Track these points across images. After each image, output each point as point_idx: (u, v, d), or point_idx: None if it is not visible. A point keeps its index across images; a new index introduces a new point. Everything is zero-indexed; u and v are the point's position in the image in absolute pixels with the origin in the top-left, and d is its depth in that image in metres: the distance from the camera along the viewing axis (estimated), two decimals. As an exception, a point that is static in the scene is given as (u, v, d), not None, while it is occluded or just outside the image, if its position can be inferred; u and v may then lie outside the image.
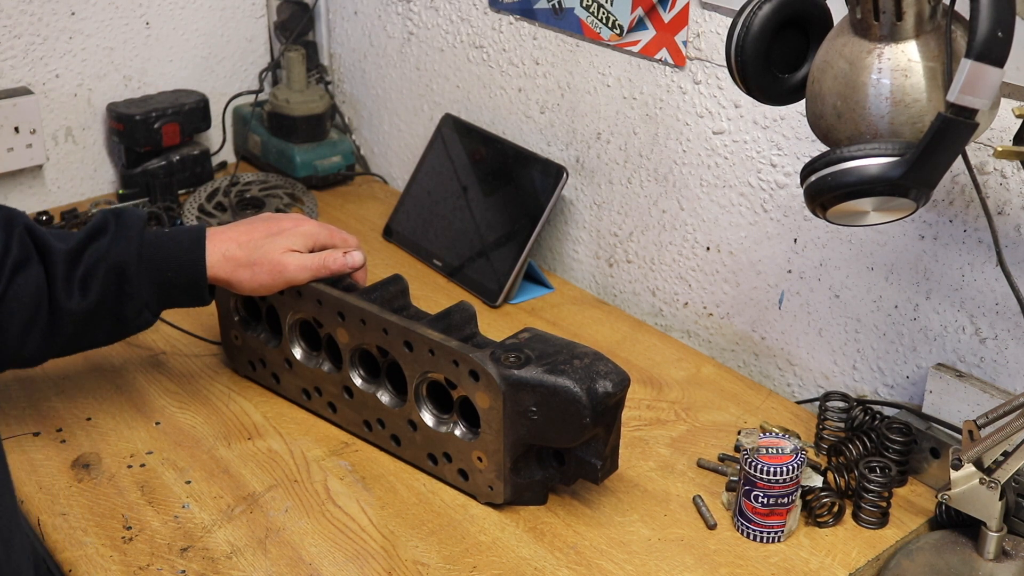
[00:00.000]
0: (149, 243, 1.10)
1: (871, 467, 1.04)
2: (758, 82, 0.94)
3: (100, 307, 1.08)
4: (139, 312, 1.11)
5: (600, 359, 1.01)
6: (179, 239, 1.12)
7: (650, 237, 1.41)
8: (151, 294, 1.11)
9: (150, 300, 1.11)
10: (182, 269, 1.11)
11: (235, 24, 1.81)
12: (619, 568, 0.99)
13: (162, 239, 1.12)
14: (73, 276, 1.07)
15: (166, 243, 1.11)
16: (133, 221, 1.11)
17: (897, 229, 1.14)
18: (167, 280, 1.11)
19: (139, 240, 1.10)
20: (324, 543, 1.01)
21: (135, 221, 1.11)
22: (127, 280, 1.08)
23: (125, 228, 1.10)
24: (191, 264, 1.11)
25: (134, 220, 1.11)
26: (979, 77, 0.76)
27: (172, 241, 1.12)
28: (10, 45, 1.59)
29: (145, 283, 1.10)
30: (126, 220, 1.11)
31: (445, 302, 1.15)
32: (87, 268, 1.08)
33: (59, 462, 1.11)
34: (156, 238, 1.11)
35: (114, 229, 1.10)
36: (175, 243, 1.12)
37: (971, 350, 1.11)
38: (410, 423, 1.10)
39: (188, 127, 1.70)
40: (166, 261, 1.11)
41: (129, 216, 1.12)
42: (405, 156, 1.78)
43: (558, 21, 1.43)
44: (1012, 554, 1.01)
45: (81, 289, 1.07)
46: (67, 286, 1.07)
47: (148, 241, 1.10)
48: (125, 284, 1.09)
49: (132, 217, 1.12)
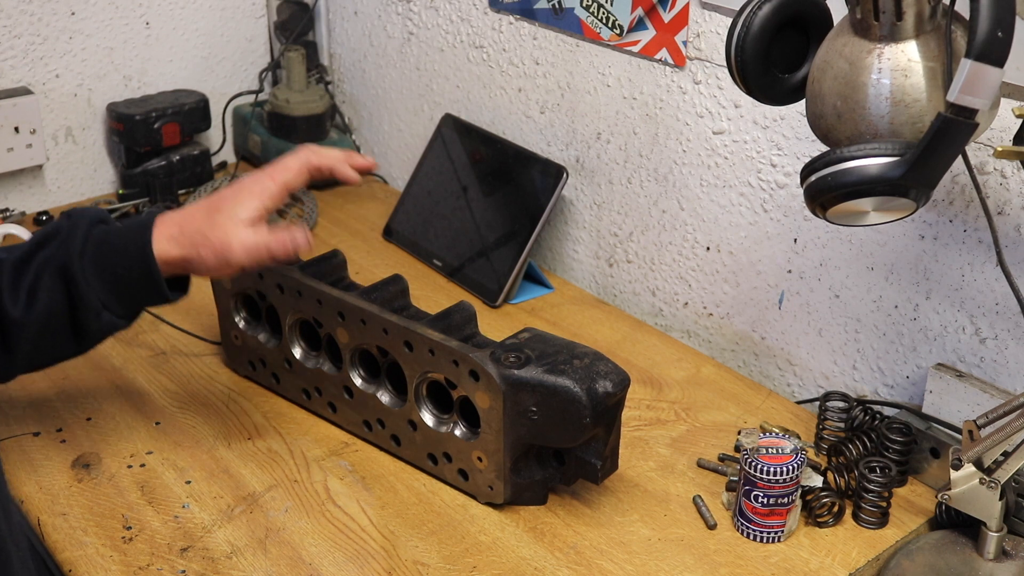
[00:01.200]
0: (95, 239, 1.01)
1: (871, 467, 1.04)
2: (758, 82, 0.94)
3: (53, 316, 1.00)
4: (96, 315, 1.01)
5: (600, 359, 1.01)
6: (125, 230, 1.03)
7: (650, 237, 1.41)
8: (106, 294, 1.01)
9: (108, 300, 1.01)
10: (131, 262, 1.01)
11: (235, 24, 1.81)
12: (619, 568, 0.99)
13: (109, 234, 1.02)
14: (20, 285, 1.00)
15: (112, 237, 1.02)
16: (81, 220, 1.03)
17: (897, 229, 1.14)
18: (119, 277, 1.01)
19: (83, 238, 1.01)
20: (324, 543, 1.01)
21: (83, 220, 1.02)
22: (72, 282, 1.00)
23: (72, 228, 1.02)
24: (138, 255, 1.00)
25: (82, 219, 1.03)
26: (979, 77, 0.76)
27: (118, 234, 1.02)
28: (10, 45, 1.59)
29: (95, 283, 1.00)
30: (75, 220, 1.03)
31: (445, 302, 1.15)
32: (34, 275, 1.00)
33: (59, 462, 1.11)
34: (103, 233, 1.02)
35: (65, 232, 1.02)
36: (121, 235, 1.02)
37: (971, 350, 1.11)
38: (410, 423, 1.10)
39: (188, 127, 1.70)
40: (112, 255, 1.01)
41: (79, 215, 1.04)
42: (405, 156, 1.78)
43: (558, 21, 1.43)
44: (1012, 554, 1.01)
45: (28, 298, 1.00)
46: (13, 296, 1.00)
47: (94, 237, 1.01)
48: (71, 287, 1.00)
49: (81, 216, 1.03)
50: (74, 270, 0.99)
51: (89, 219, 1.03)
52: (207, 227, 1.00)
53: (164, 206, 1.63)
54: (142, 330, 1.35)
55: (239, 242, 0.99)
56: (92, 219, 1.03)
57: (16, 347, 1.01)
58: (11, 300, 1.00)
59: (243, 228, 1.00)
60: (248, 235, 1.00)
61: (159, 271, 1.00)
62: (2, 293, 1.00)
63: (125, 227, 1.03)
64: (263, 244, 1.00)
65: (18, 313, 0.99)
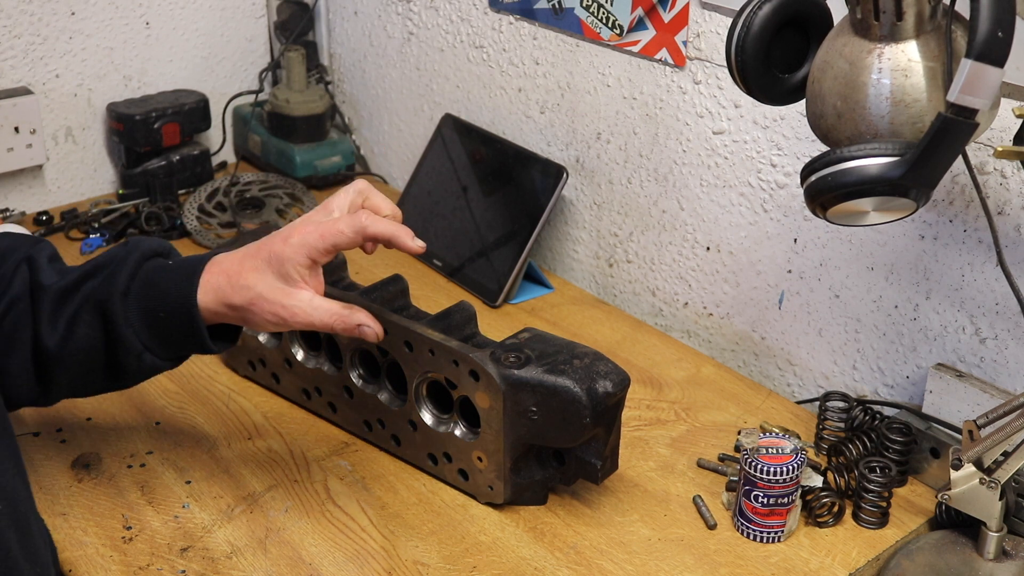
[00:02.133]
0: (143, 277, 0.97)
1: (871, 467, 1.04)
2: (758, 82, 0.94)
3: (90, 351, 0.96)
4: (138, 356, 0.96)
5: (600, 359, 1.01)
6: (175, 272, 0.97)
7: (650, 237, 1.41)
8: (149, 336, 0.96)
9: (151, 343, 0.96)
10: (175, 309, 0.95)
11: (235, 24, 1.81)
12: (619, 568, 0.99)
13: (158, 272, 0.97)
14: (60, 316, 0.96)
15: (160, 277, 0.97)
16: (133, 252, 0.98)
17: (897, 229, 1.14)
18: (161, 321, 0.96)
19: (129, 275, 0.96)
20: (324, 543, 1.01)
21: (135, 253, 0.98)
22: (111, 321, 0.95)
23: (121, 263, 0.97)
24: (182, 303, 0.95)
25: (135, 251, 0.98)
26: (979, 77, 0.76)
27: (167, 274, 0.97)
28: (10, 45, 1.59)
29: (137, 324, 0.96)
30: (129, 251, 0.98)
31: (445, 302, 1.15)
32: (76, 308, 0.96)
33: (59, 462, 1.11)
34: (153, 272, 0.97)
35: (114, 265, 0.97)
36: (169, 277, 0.96)
37: (971, 350, 1.11)
38: (410, 423, 1.10)
39: (188, 127, 1.70)
40: (157, 298, 0.96)
41: (135, 245, 0.99)
42: (405, 156, 1.78)
43: (558, 21, 1.43)
44: (1012, 554, 1.01)
45: (66, 330, 0.96)
46: (52, 327, 0.96)
47: (142, 275, 0.97)
48: (110, 326, 0.95)
49: (136, 247, 0.99)
50: (114, 310, 0.95)
51: (142, 252, 0.99)
52: (259, 283, 0.94)
53: (165, 206, 1.63)
54: (142, 330, 1.35)
55: (287, 310, 0.94)
56: (145, 252, 0.99)
57: (52, 377, 0.98)
58: (49, 330, 0.96)
59: (294, 293, 0.95)
60: (302, 303, 0.94)
61: (202, 323, 0.96)
62: (41, 322, 0.96)
63: (177, 267, 0.98)
64: (318, 321, 0.95)
65: (54, 344, 0.96)
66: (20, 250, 1.01)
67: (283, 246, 0.94)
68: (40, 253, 1.00)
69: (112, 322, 0.95)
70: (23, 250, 1.01)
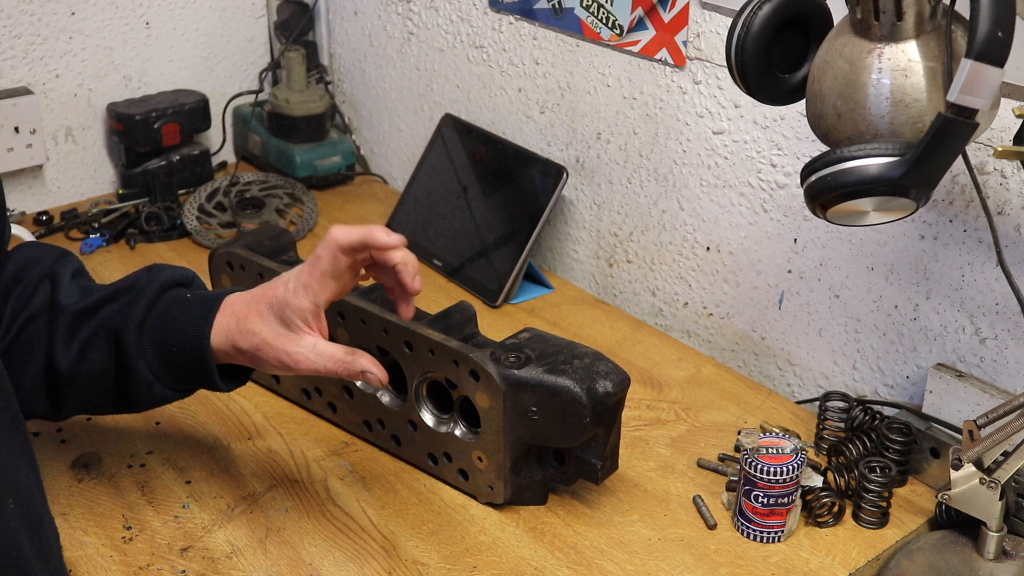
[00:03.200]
0: (160, 309, 0.97)
1: (871, 467, 1.04)
2: (758, 82, 0.94)
3: (100, 376, 0.97)
4: (148, 387, 0.96)
5: (600, 359, 1.01)
6: (192, 307, 0.97)
7: (650, 237, 1.41)
8: (160, 368, 0.96)
9: (162, 375, 0.96)
10: (187, 346, 0.95)
11: (235, 24, 1.81)
12: (619, 568, 0.99)
13: (175, 305, 0.97)
14: (75, 337, 0.96)
15: (176, 310, 0.96)
16: (153, 282, 0.98)
17: (897, 229, 1.14)
18: (174, 355, 0.96)
19: (147, 306, 0.96)
20: (324, 543, 1.01)
21: (154, 283, 0.98)
22: (123, 351, 0.95)
23: (140, 293, 0.97)
24: (195, 341, 0.95)
25: (155, 281, 0.98)
26: (979, 77, 0.76)
27: (183, 309, 0.97)
28: (10, 45, 1.59)
29: (150, 355, 0.96)
30: (150, 279, 0.98)
31: (445, 302, 1.15)
32: (91, 332, 0.96)
33: (59, 462, 1.11)
34: (170, 304, 0.97)
35: (134, 293, 0.97)
36: (185, 312, 0.96)
37: (971, 350, 1.11)
38: (410, 423, 1.10)
39: (188, 127, 1.70)
40: (172, 333, 0.96)
41: (156, 274, 0.99)
42: (405, 156, 1.78)
43: (558, 21, 1.43)
44: (1012, 554, 1.01)
45: (79, 353, 0.96)
46: (65, 348, 0.96)
47: (160, 306, 0.97)
48: (122, 355, 0.95)
49: (157, 276, 0.99)
50: (128, 340, 0.95)
51: (163, 282, 0.98)
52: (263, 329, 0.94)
53: (165, 206, 1.63)
54: (142, 330, 1.35)
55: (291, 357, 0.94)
56: (166, 282, 0.99)
57: (63, 396, 0.98)
58: (62, 351, 0.96)
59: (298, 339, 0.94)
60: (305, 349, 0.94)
61: (213, 363, 0.96)
62: (56, 342, 0.96)
63: (194, 303, 0.97)
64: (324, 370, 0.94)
65: (66, 366, 0.96)
66: (44, 262, 1.01)
67: (284, 290, 0.94)
68: (64, 268, 1.01)
69: (125, 352, 0.95)
70: (47, 262, 1.01)
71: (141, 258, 1.54)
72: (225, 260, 1.22)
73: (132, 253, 1.56)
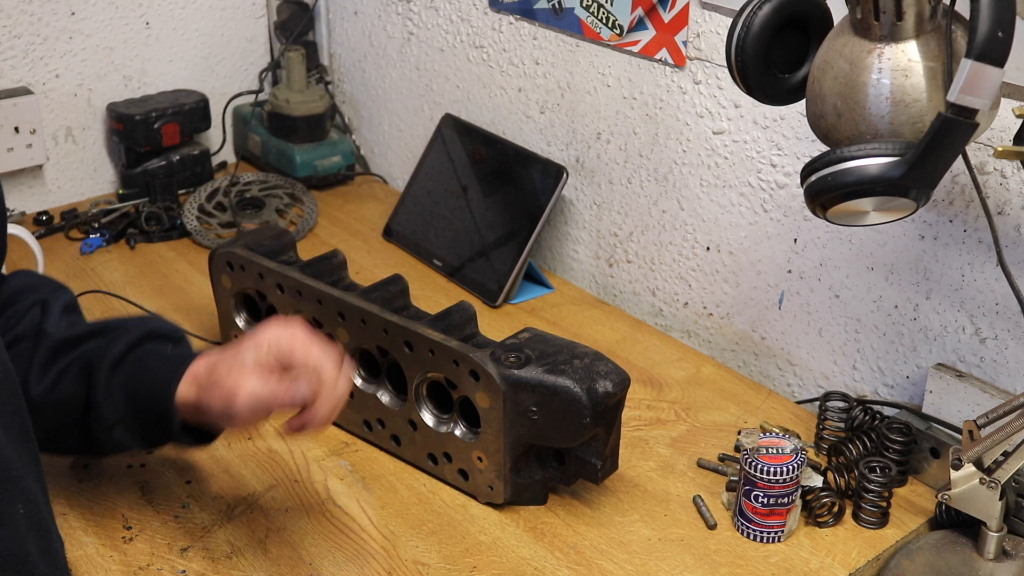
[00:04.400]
0: (138, 354, 0.96)
1: (871, 467, 1.04)
2: (758, 82, 0.94)
3: (68, 408, 0.96)
4: (108, 428, 0.96)
5: (600, 359, 1.01)
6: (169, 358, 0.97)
7: (650, 237, 1.41)
8: (126, 412, 0.96)
9: (126, 419, 0.96)
10: (154, 391, 0.95)
11: (235, 24, 1.81)
12: (619, 568, 0.99)
13: (153, 355, 0.97)
14: (51, 366, 0.95)
15: (152, 359, 0.96)
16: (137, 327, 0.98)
17: (897, 229, 1.14)
18: (141, 401, 0.95)
19: (127, 346, 0.96)
20: (324, 543, 1.01)
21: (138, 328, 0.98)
22: (93, 385, 0.95)
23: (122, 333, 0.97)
24: (162, 387, 0.94)
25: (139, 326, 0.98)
26: (979, 77, 0.76)
27: (160, 358, 0.97)
28: (10, 45, 1.59)
29: (119, 397, 0.95)
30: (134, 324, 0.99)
31: (445, 302, 1.15)
32: (68, 363, 0.96)
33: (59, 462, 1.11)
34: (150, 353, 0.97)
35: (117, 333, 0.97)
36: (162, 361, 0.96)
37: (971, 350, 1.11)
38: (410, 423, 1.10)
39: (188, 127, 1.70)
40: (142, 378, 0.95)
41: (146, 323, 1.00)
42: (405, 156, 1.78)
43: (558, 21, 1.43)
44: (1012, 554, 1.01)
45: (52, 383, 0.95)
46: (41, 375, 0.95)
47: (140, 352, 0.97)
48: (91, 391, 0.95)
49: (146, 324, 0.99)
50: (100, 376, 0.95)
51: (150, 330, 0.98)
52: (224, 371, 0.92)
53: (165, 206, 1.63)
54: (142, 330, 1.35)
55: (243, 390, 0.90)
56: (153, 332, 0.99)
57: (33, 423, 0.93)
58: (38, 377, 0.96)
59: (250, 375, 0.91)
60: (254, 383, 0.91)
61: (174, 411, 0.94)
62: (33, 368, 0.96)
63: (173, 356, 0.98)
64: (265, 395, 0.91)
65: (38, 392, 0.95)
66: (40, 291, 1.02)
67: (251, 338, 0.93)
68: (57, 299, 1.01)
69: (94, 387, 0.95)
70: (42, 292, 1.02)
71: (141, 258, 1.54)
72: (225, 260, 1.22)
73: (132, 253, 1.56)
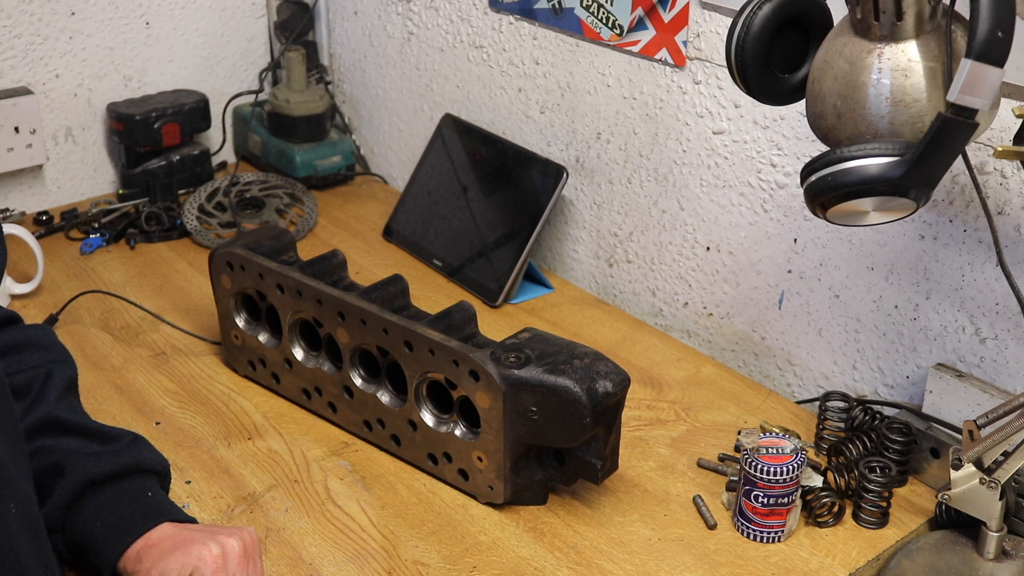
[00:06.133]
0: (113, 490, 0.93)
1: (871, 467, 1.04)
2: (758, 82, 0.94)
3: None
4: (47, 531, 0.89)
5: (600, 359, 1.01)
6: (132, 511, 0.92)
7: (650, 237, 1.41)
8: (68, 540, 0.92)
9: (64, 548, 0.92)
10: (106, 535, 0.91)
11: (235, 24, 1.81)
12: (619, 568, 0.99)
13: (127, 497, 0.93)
14: (32, 439, 0.94)
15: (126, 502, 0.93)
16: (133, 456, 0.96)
17: (897, 229, 1.14)
18: (86, 543, 0.91)
19: (109, 475, 0.93)
20: (324, 543, 1.01)
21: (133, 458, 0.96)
22: (52, 489, 0.92)
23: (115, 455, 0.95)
24: (114, 540, 0.90)
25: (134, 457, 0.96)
26: (979, 77, 0.76)
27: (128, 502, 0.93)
28: (10, 45, 1.59)
29: (71, 514, 0.92)
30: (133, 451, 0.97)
31: (445, 302, 1.15)
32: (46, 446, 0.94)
33: (59, 462, 1.11)
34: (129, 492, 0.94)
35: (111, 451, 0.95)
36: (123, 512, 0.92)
37: (971, 350, 1.11)
38: (410, 423, 1.10)
39: (188, 127, 1.70)
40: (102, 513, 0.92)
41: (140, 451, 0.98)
42: (405, 156, 1.78)
43: (558, 21, 1.43)
44: (1012, 554, 1.01)
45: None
46: None
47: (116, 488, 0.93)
48: (46, 488, 0.92)
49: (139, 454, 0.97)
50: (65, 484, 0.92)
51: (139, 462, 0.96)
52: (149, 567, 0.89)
53: (165, 206, 1.63)
54: (142, 330, 1.35)
55: None
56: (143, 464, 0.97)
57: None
58: None
59: None
60: None
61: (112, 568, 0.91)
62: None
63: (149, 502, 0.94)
64: None
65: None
66: (50, 352, 1.02)
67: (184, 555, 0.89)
68: (62, 372, 1.01)
69: (51, 490, 0.92)
70: (51, 355, 1.02)
71: (141, 258, 1.54)
72: (225, 260, 1.22)
73: (132, 253, 1.56)
